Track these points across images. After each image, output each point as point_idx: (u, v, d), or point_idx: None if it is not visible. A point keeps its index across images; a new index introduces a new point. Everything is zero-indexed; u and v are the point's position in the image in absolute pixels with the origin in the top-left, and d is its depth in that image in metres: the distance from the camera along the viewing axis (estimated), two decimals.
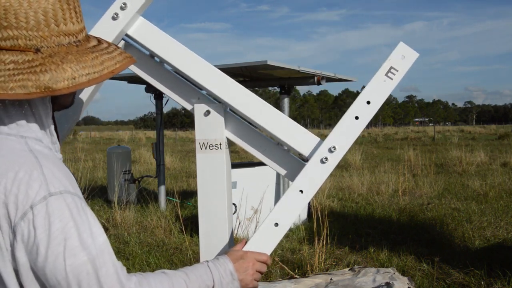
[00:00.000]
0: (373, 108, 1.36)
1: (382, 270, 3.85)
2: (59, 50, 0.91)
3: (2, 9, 0.86)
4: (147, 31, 1.44)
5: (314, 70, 5.90)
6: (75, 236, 0.84)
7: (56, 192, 0.84)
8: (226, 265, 1.14)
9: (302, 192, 1.32)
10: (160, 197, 7.40)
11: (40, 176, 0.85)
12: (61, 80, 0.87)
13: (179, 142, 32.07)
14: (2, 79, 0.85)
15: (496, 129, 48.21)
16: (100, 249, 0.87)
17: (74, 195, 0.88)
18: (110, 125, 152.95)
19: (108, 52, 0.98)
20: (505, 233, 5.33)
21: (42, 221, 0.82)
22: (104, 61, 0.95)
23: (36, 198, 0.82)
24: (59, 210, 0.83)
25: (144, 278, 0.95)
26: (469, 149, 13.71)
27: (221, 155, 1.44)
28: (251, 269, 1.18)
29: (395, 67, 1.37)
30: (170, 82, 1.51)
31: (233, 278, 1.13)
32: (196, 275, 1.06)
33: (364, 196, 7.93)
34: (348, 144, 1.34)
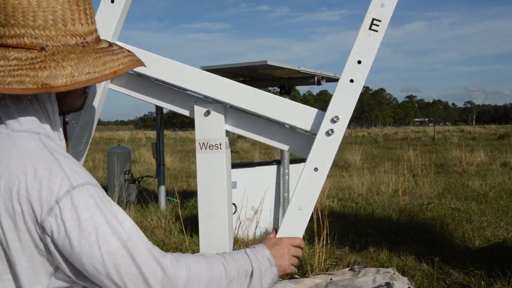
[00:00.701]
0: (365, 67, 1.34)
1: (382, 270, 3.85)
2: (63, 49, 0.91)
3: (10, 7, 0.87)
4: None
5: (314, 70, 5.90)
6: (104, 223, 0.86)
7: (78, 184, 0.86)
8: (263, 252, 1.14)
9: (316, 169, 1.31)
10: (160, 197, 7.40)
11: (60, 171, 0.86)
12: (60, 77, 0.87)
13: (179, 142, 32.06)
14: (2, 74, 0.86)
15: (496, 129, 48.20)
16: (130, 232, 0.90)
17: (95, 186, 0.90)
18: (110, 125, 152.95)
19: (113, 53, 0.98)
20: (505, 233, 5.33)
21: (69, 214, 0.84)
22: (107, 62, 0.95)
23: (60, 193, 0.84)
24: (84, 201, 0.86)
25: (181, 257, 0.97)
26: (469, 149, 13.71)
27: (221, 155, 1.44)
28: (287, 254, 1.19)
29: (377, 17, 1.33)
30: (163, 94, 1.51)
31: (271, 264, 1.14)
32: (234, 259, 1.07)
33: (364, 196, 7.93)
34: (350, 110, 1.33)
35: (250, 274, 1.08)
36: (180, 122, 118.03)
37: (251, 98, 1.41)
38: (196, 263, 0.98)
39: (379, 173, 10.07)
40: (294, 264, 1.22)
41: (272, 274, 1.14)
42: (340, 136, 1.31)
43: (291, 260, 1.20)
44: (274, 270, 1.14)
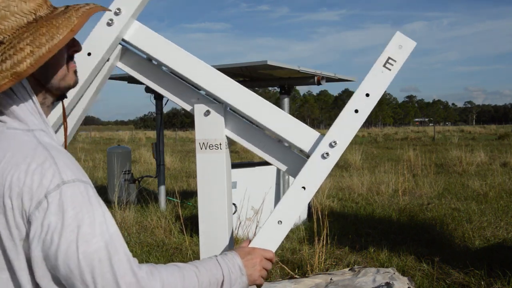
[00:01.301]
0: (372, 100, 1.35)
1: (382, 270, 3.85)
2: (19, 33, 0.89)
3: None
4: (143, 35, 1.43)
5: (314, 70, 5.90)
6: (88, 223, 0.85)
7: (70, 180, 0.85)
8: (235, 260, 1.13)
9: (304, 188, 1.32)
10: (160, 197, 7.40)
11: (52, 166, 0.86)
12: (22, 60, 0.85)
13: (179, 142, 32.07)
14: None
15: (496, 129, 48.20)
16: (113, 237, 0.88)
17: (87, 184, 0.89)
18: (110, 125, 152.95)
19: (63, 13, 0.94)
20: (505, 233, 5.33)
21: (56, 208, 0.83)
22: (61, 24, 0.91)
23: (50, 187, 0.83)
24: (72, 197, 0.84)
25: (155, 269, 0.95)
26: (469, 149, 13.71)
27: (221, 155, 1.44)
28: (259, 265, 1.18)
29: (392, 57, 1.36)
30: (168, 84, 1.51)
31: (242, 273, 1.13)
32: (206, 268, 1.06)
33: (364, 196, 7.93)
34: (349, 138, 1.34)
35: (221, 283, 1.07)
36: (180, 122, 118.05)
37: (258, 106, 1.41)
38: (170, 275, 0.96)
39: (379, 173, 10.07)
40: (263, 277, 1.21)
41: (242, 283, 1.13)
42: (334, 161, 1.33)
43: (261, 271, 1.19)
44: (244, 279, 1.13)
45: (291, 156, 1.45)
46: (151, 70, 1.51)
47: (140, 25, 1.43)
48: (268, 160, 1.47)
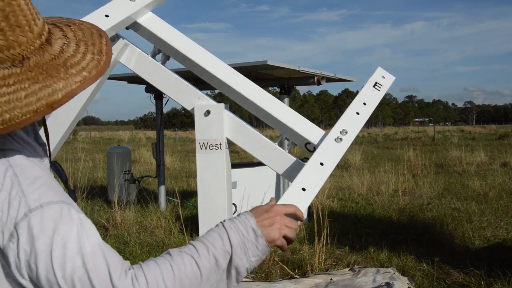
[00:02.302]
0: (369, 108, 1.50)
1: (382, 270, 3.85)
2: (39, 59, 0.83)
3: None
4: (156, 21, 1.49)
5: (314, 70, 5.90)
6: (61, 245, 0.81)
7: (37, 206, 0.81)
8: (247, 221, 1.01)
9: (322, 164, 1.32)
10: (160, 197, 7.40)
11: (19, 193, 0.82)
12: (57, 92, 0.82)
13: (179, 142, 32.06)
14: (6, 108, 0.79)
15: (496, 129, 48.19)
16: (90, 253, 0.83)
17: (58, 203, 0.84)
18: (110, 125, 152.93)
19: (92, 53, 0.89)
20: (505, 233, 5.32)
21: (26, 238, 0.80)
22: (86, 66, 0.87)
23: (18, 217, 0.80)
24: (41, 224, 0.81)
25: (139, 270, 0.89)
26: (469, 149, 13.70)
27: (221, 155, 1.44)
28: (279, 223, 1.04)
29: (379, 83, 1.56)
30: (170, 82, 1.51)
31: (257, 234, 1.00)
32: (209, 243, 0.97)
33: (364, 196, 7.93)
34: (357, 130, 1.41)
35: (231, 253, 0.97)
36: (180, 122, 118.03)
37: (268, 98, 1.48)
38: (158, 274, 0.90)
39: (379, 173, 10.07)
40: (288, 236, 1.06)
41: (260, 246, 1.00)
42: (347, 144, 1.36)
43: (283, 230, 1.05)
44: (261, 242, 1.00)
45: (288, 159, 1.45)
46: (153, 68, 1.51)
47: (153, 14, 1.51)
48: (266, 162, 1.47)
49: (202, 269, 0.93)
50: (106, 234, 5.62)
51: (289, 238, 1.06)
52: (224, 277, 0.97)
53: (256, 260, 1.00)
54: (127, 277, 0.86)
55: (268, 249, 1.02)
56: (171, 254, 0.94)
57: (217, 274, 0.95)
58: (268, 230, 1.02)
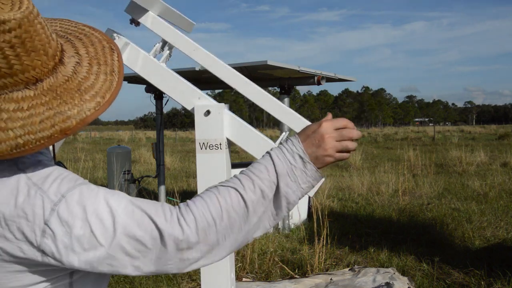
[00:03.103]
0: None
1: (382, 270, 3.85)
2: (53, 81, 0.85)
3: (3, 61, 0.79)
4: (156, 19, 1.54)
5: (314, 70, 5.90)
6: (98, 223, 0.85)
7: (60, 198, 0.85)
8: (294, 148, 0.99)
9: None
10: (160, 197, 7.40)
11: (38, 191, 0.84)
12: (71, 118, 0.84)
13: (179, 142, 32.07)
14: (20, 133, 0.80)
15: (496, 129, 48.21)
16: (126, 213, 0.87)
17: (76, 187, 0.87)
18: (110, 125, 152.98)
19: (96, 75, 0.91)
20: (505, 233, 5.33)
21: (62, 229, 0.83)
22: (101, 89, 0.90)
23: (46, 213, 0.83)
24: (70, 212, 0.84)
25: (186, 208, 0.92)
26: (469, 149, 13.71)
27: (221, 155, 1.44)
28: (329, 141, 1.00)
29: None
30: (170, 82, 1.51)
31: (304, 161, 0.98)
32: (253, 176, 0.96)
33: (364, 196, 7.93)
34: None
35: (277, 183, 0.96)
36: (180, 122, 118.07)
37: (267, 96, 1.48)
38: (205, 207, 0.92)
39: (379, 173, 10.07)
40: (344, 149, 1.01)
41: (309, 171, 0.98)
42: None
43: (336, 146, 1.00)
44: (310, 167, 0.98)
45: None
46: (154, 67, 1.51)
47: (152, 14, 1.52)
48: None
49: (248, 202, 0.94)
50: None
51: (348, 149, 1.01)
52: (272, 207, 0.98)
53: (307, 186, 0.99)
54: (172, 218, 0.90)
55: (318, 175, 0.99)
56: (218, 188, 0.96)
57: (263, 205, 0.96)
58: (317, 153, 0.99)
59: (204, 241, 0.91)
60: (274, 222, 0.99)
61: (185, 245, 0.90)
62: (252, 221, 0.96)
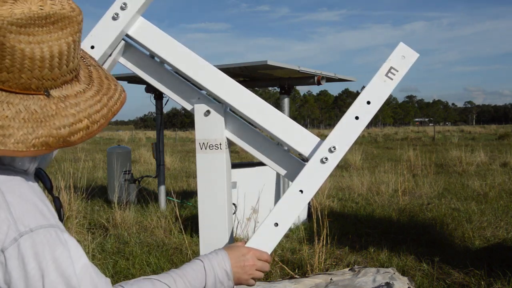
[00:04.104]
0: (373, 108, 1.36)
1: (382, 270, 3.85)
2: (66, 91, 0.88)
3: (19, 52, 0.81)
4: (147, 31, 1.43)
5: (314, 70, 5.90)
6: (52, 270, 0.82)
7: (27, 230, 0.81)
8: (224, 264, 1.14)
9: (302, 192, 1.32)
10: (160, 197, 7.40)
11: (8, 216, 0.81)
12: (77, 131, 0.86)
13: (179, 142, 32.06)
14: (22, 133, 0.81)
15: (496, 129, 48.19)
16: (81, 273, 0.85)
17: (47, 227, 0.84)
18: (110, 125, 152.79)
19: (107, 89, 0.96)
20: (505, 233, 5.33)
21: (16, 263, 0.80)
22: (108, 101, 0.94)
23: (6, 241, 0.80)
24: (31, 248, 0.81)
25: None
26: (469, 149, 13.70)
27: (221, 155, 1.44)
28: (250, 268, 1.18)
29: (395, 67, 1.36)
30: (170, 82, 1.51)
31: (229, 278, 1.14)
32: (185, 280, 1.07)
33: (364, 196, 7.93)
34: (348, 144, 1.34)
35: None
36: (180, 122, 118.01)
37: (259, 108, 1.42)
38: None
39: (379, 173, 10.07)
40: (256, 278, 1.21)
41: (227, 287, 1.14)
42: (333, 166, 1.33)
43: (253, 274, 1.19)
44: (230, 284, 1.14)
45: (290, 160, 1.45)
46: (153, 67, 1.51)
47: (144, 21, 1.43)
48: (267, 163, 1.47)
49: None
50: (106, 234, 5.62)
51: (259, 278, 1.22)
52: None
53: None
54: None
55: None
56: (153, 279, 1.03)
57: None
58: (240, 274, 1.16)
59: None
60: None
61: None
62: None
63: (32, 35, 0.81)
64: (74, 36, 0.87)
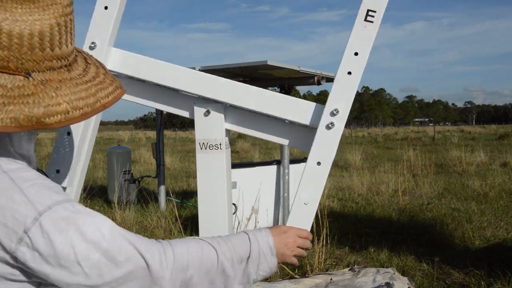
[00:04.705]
0: (362, 58, 1.34)
1: (382, 270, 3.85)
2: (50, 76, 0.86)
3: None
4: (124, 60, 1.44)
5: (314, 70, 5.90)
6: (80, 239, 0.83)
7: (45, 208, 0.82)
8: (267, 239, 1.13)
9: (319, 163, 1.32)
10: (160, 197, 7.40)
11: (23, 199, 0.82)
12: (54, 114, 0.83)
13: (179, 142, 32.06)
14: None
15: (496, 129, 48.17)
16: (110, 237, 0.87)
17: (63, 202, 0.85)
18: (110, 125, 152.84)
19: (100, 82, 0.95)
20: (505, 233, 5.32)
21: (42, 241, 0.81)
22: (97, 92, 0.92)
23: (27, 222, 0.81)
24: (54, 225, 0.82)
25: (169, 245, 0.96)
26: (469, 149, 13.70)
27: (221, 155, 1.44)
28: (292, 245, 1.19)
29: (371, 8, 1.34)
30: (163, 97, 1.51)
31: (272, 253, 1.12)
32: (233, 244, 1.06)
33: (364, 196, 7.93)
34: (349, 103, 1.33)
35: (246, 259, 1.07)
36: (180, 122, 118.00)
37: (250, 96, 1.42)
38: (186, 251, 0.96)
39: (379, 173, 10.07)
40: (298, 255, 1.21)
41: (270, 263, 1.12)
42: (341, 128, 1.32)
43: (295, 251, 1.20)
44: (273, 260, 1.12)
45: (292, 130, 1.45)
46: (142, 88, 1.51)
47: (118, 51, 1.44)
48: (270, 139, 1.47)
49: (220, 265, 1.01)
50: None
51: (300, 256, 1.23)
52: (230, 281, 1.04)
53: (262, 275, 1.11)
54: (153, 250, 0.92)
55: (275, 268, 1.13)
56: (198, 239, 1.03)
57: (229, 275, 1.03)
58: (283, 250, 1.16)
59: (172, 282, 0.93)
60: None
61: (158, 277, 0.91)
62: (215, 283, 1.02)
63: (9, 11, 0.80)
64: (58, 19, 0.85)
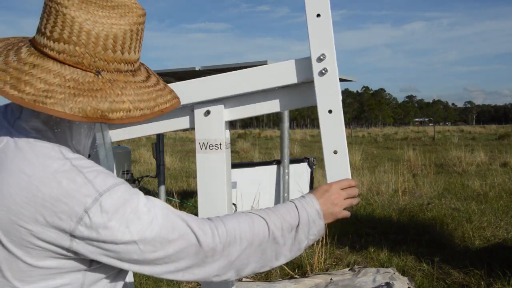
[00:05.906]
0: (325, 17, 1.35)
1: (382, 270, 3.85)
2: (117, 77, 0.93)
3: (77, 25, 0.88)
4: None
5: None
6: (136, 219, 0.90)
7: (105, 190, 0.89)
8: (313, 203, 1.14)
9: (331, 112, 1.31)
10: (160, 197, 7.40)
11: (84, 180, 0.88)
12: (118, 110, 0.90)
13: (179, 142, 32.07)
14: (62, 97, 0.86)
15: (496, 129, 48.21)
16: (163, 215, 0.93)
17: (120, 184, 0.92)
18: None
19: (160, 89, 1.02)
20: (505, 233, 5.33)
21: (101, 219, 0.87)
22: (157, 98, 0.99)
23: (88, 201, 0.87)
24: (112, 204, 0.88)
25: (220, 221, 1.01)
26: (469, 149, 13.70)
27: (221, 155, 1.44)
28: (339, 200, 1.19)
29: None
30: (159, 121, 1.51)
31: (319, 217, 1.14)
32: (282, 213, 1.09)
33: (364, 196, 7.93)
34: (331, 44, 1.31)
35: (296, 227, 1.09)
36: None
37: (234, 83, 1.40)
38: (236, 224, 1.02)
39: (379, 173, 10.07)
40: (349, 205, 1.21)
41: (318, 226, 1.14)
42: (335, 71, 1.30)
43: (343, 204, 1.19)
44: (321, 223, 1.14)
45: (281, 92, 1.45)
46: None
47: None
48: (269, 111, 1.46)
49: (271, 235, 1.05)
50: None
51: (351, 205, 1.22)
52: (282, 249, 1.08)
53: (313, 238, 1.14)
54: (205, 226, 0.98)
55: (323, 231, 1.16)
56: (250, 214, 1.08)
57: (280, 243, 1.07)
58: (331, 209, 1.17)
59: (227, 256, 0.99)
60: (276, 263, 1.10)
61: (210, 253, 0.97)
62: (267, 253, 1.06)
63: (91, 13, 0.88)
64: (132, 26, 0.93)
